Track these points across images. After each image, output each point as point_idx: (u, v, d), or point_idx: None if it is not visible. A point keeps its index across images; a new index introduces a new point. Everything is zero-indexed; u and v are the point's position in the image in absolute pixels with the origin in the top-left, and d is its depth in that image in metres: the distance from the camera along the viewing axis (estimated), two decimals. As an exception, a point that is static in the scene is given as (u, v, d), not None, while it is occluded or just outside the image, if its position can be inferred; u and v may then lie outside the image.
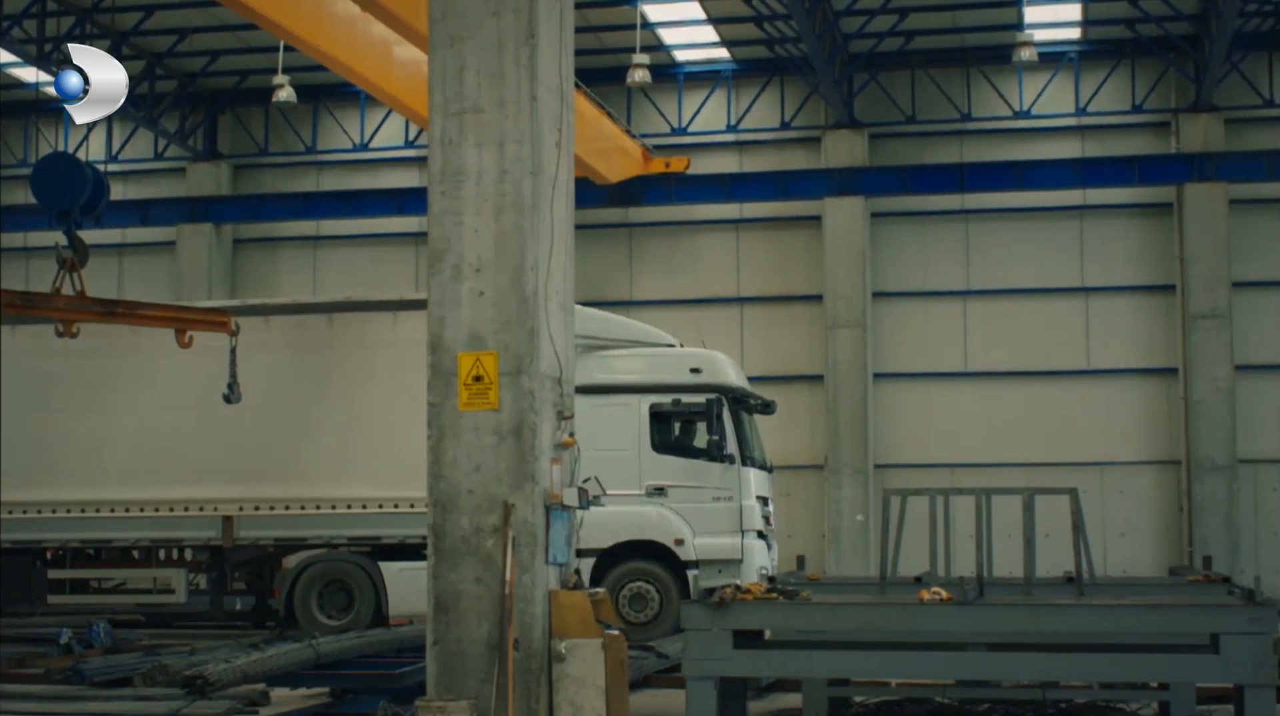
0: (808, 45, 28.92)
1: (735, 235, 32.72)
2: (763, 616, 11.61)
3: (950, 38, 31.48)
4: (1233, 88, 30.80)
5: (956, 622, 11.09)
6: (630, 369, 20.94)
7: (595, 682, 11.56)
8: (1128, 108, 31.63)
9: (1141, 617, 11.01)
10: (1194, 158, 30.42)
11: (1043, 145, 31.86)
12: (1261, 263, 30.81)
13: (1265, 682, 10.41)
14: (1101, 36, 31.54)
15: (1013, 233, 31.79)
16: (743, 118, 32.68)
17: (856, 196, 31.47)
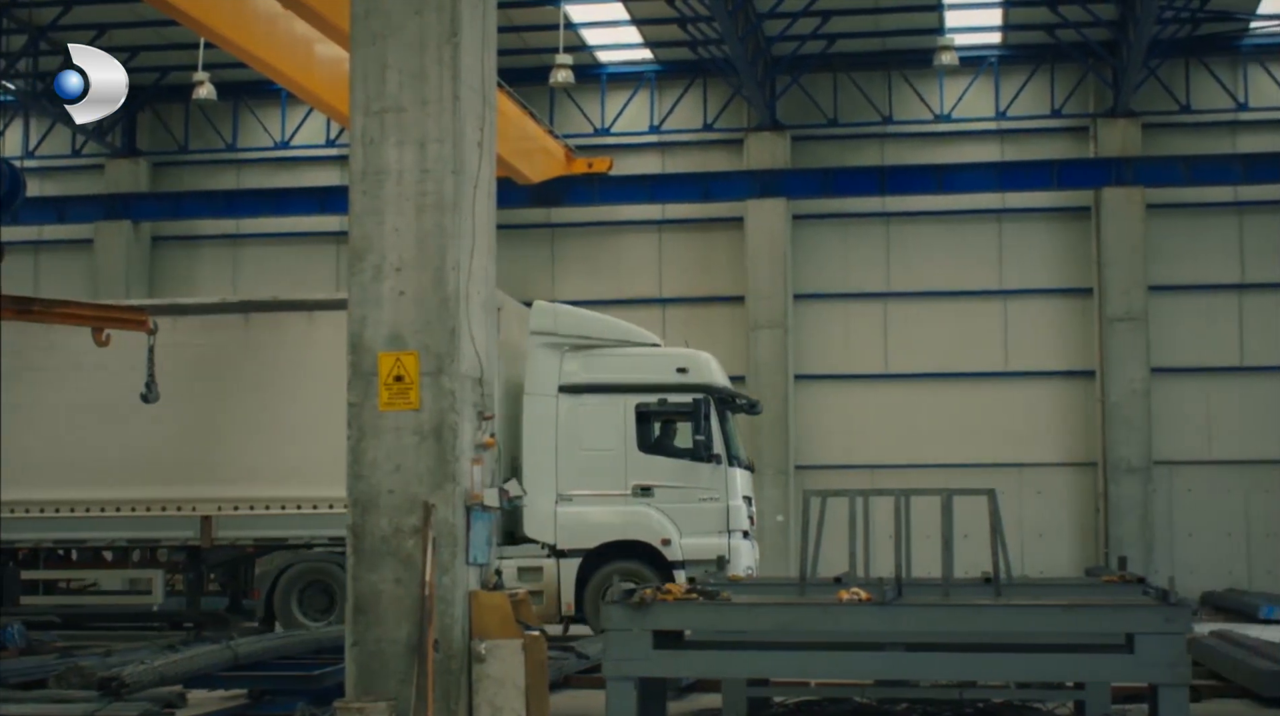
0: (731, 47, 29.00)
1: (657, 236, 32.77)
2: (683, 617, 11.62)
3: (872, 41, 31.64)
4: (1150, 94, 31.15)
5: (875, 623, 11.13)
6: (616, 368, 20.76)
7: (515, 683, 11.54)
8: (1047, 112, 31.93)
9: (1058, 618, 11.10)
10: (1112, 162, 30.73)
11: (963, 149, 32.11)
12: (1177, 267, 31.16)
13: (1179, 682, 10.51)
14: (1021, 41, 31.81)
15: (933, 235, 32.00)
16: (665, 119, 32.74)
17: (778, 198, 31.58)
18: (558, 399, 20.46)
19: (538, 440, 20.46)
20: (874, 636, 11.43)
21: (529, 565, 20.10)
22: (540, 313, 21.02)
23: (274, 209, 33.18)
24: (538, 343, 20.69)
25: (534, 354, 20.68)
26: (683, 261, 32.54)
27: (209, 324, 21.27)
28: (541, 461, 20.39)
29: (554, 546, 20.25)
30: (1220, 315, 31.17)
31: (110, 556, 21.56)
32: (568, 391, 20.51)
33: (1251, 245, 31.22)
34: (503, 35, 14.38)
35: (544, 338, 20.67)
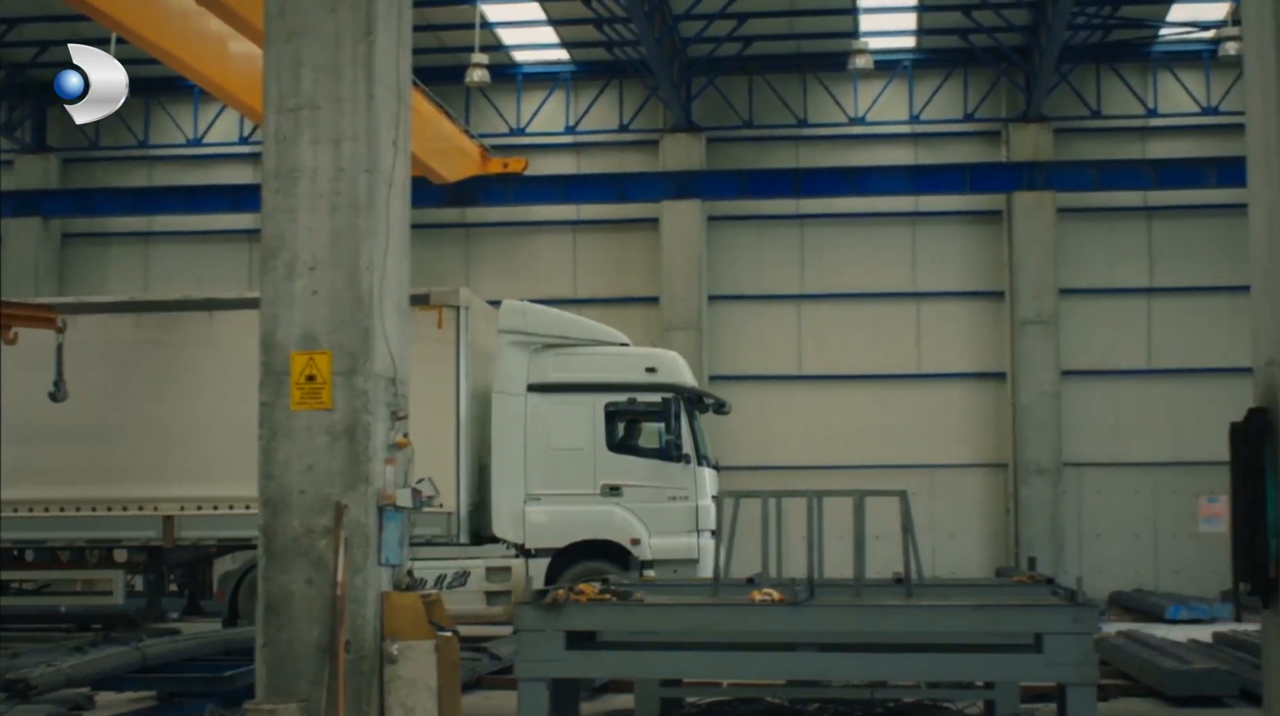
0: (647, 49, 29.03)
1: (572, 237, 32.77)
2: (595, 617, 11.63)
3: (787, 44, 31.77)
4: (1062, 99, 31.47)
5: (787, 623, 11.18)
6: (585, 368, 20.67)
7: (427, 684, 11.51)
8: (960, 116, 32.18)
9: (967, 618, 11.20)
10: (1023, 166, 31.02)
11: (877, 152, 32.30)
12: (1087, 270, 31.50)
13: (1086, 681, 10.63)
14: (935, 46, 32.03)
15: (847, 238, 32.16)
16: (581, 119, 32.74)
17: (693, 199, 31.64)
18: (526, 398, 20.38)
19: (506, 439, 20.38)
20: (786, 636, 11.48)
21: (497, 565, 20.03)
22: (509, 311, 20.94)
23: (186, 206, 32.88)
24: (506, 341, 20.61)
25: (502, 353, 20.62)
26: (598, 262, 32.55)
27: (168, 321, 21.00)
28: (510, 460, 20.32)
29: (522, 546, 20.15)
30: (1129, 319, 31.54)
31: (67, 557, 21.21)
32: (536, 390, 20.43)
33: (1160, 250, 31.61)
34: (418, 34, 14.34)
35: (513, 336, 20.58)
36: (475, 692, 15.46)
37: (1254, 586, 11.83)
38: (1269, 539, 11.55)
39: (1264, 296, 11.98)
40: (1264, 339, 12.03)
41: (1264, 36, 11.92)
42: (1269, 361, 11.88)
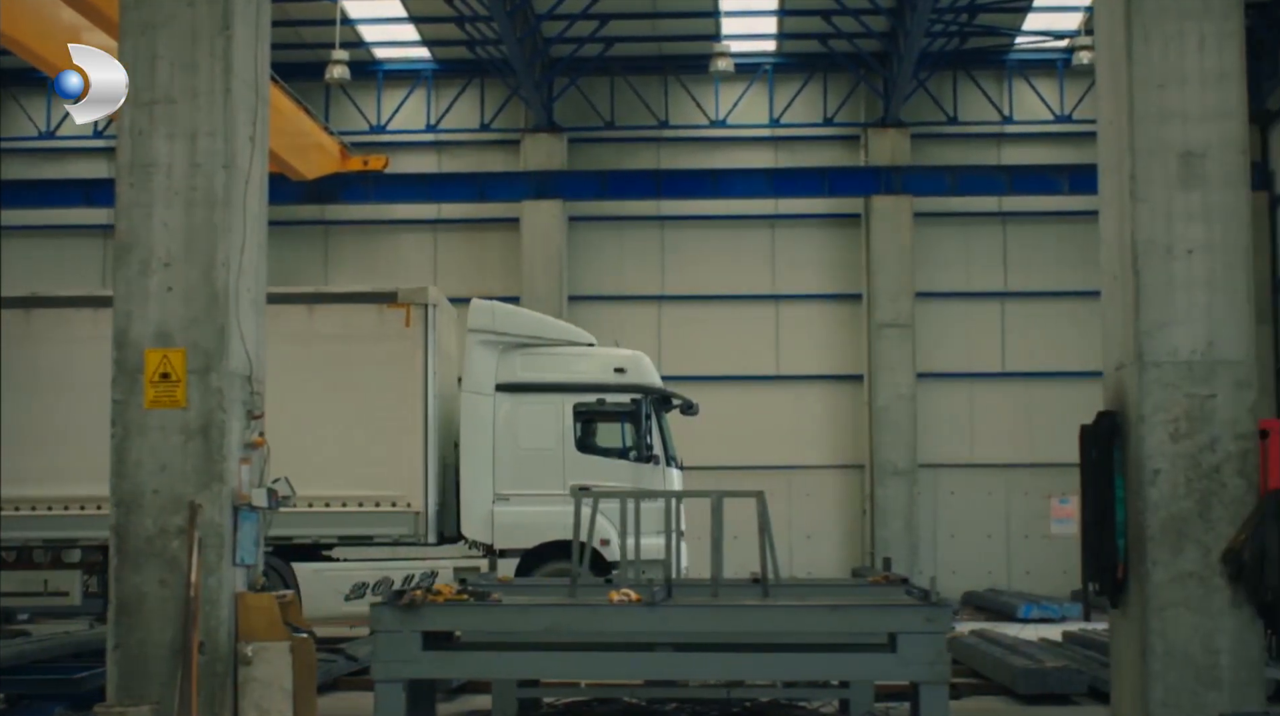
0: (509, 48, 28.96)
1: (433, 236, 32.61)
2: (453, 618, 11.59)
3: (649, 46, 31.84)
4: (919, 105, 31.84)
5: (644, 624, 11.22)
6: (554, 368, 20.55)
7: (282, 686, 11.41)
8: (819, 120, 32.44)
9: (823, 618, 11.30)
10: (881, 171, 31.34)
11: (737, 154, 32.46)
12: (943, 274, 31.90)
13: (939, 680, 10.77)
14: (796, 50, 32.26)
15: (707, 239, 32.29)
16: (442, 118, 32.59)
17: (554, 200, 31.61)
18: (495, 398, 20.27)
19: (475, 439, 20.25)
20: (643, 637, 11.51)
21: (465, 565, 19.75)
22: (478, 310, 20.79)
23: (38, 200, 32.24)
24: (475, 341, 20.47)
25: (471, 352, 20.48)
26: (458, 261, 32.39)
27: None
28: (478, 460, 20.18)
29: (490, 546, 20.03)
30: (984, 322, 31.99)
31: (13, 557, 20.53)
32: (505, 390, 20.31)
33: (1014, 255, 32.09)
34: (277, 29, 14.21)
35: (481, 336, 20.45)
36: (331, 694, 15.34)
37: (1102, 586, 12.06)
38: (1117, 540, 11.77)
39: (1114, 302, 12.21)
40: (1114, 343, 12.26)
41: (1115, 46, 12.15)
42: (1118, 365, 12.11)
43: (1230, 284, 11.74)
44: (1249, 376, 11.72)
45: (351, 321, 20.19)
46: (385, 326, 19.90)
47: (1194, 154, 11.81)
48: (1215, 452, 11.57)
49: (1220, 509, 11.51)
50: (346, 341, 20.06)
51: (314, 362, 19.60)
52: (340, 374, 19.90)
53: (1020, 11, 30.37)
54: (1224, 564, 11.43)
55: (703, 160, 32.26)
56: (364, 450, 19.76)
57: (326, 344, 19.81)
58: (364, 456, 19.72)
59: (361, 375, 19.88)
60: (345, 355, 20.02)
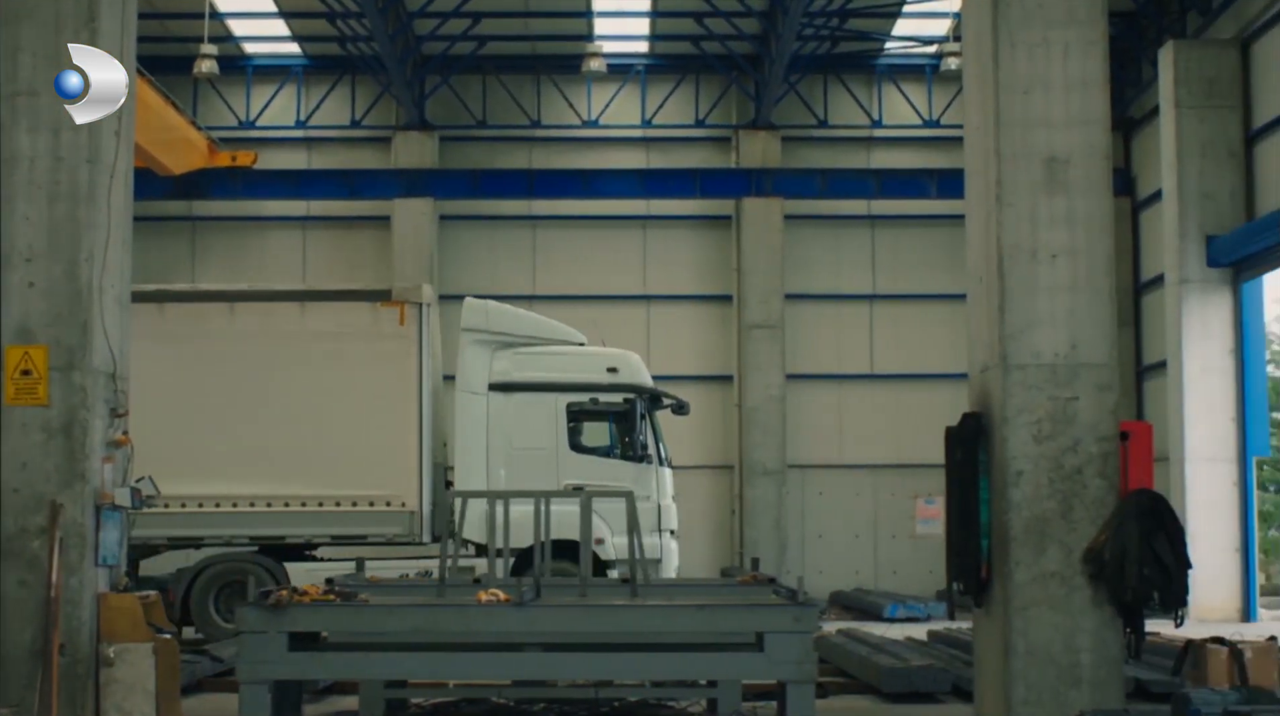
0: (380, 45, 28.80)
1: (302, 233, 32.33)
2: (319, 618, 11.49)
3: (522, 45, 31.80)
4: (790, 107, 32.07)
5: (513, 624, 11.19)
6: (547, 367, 20.61)
7: (145, 687, 11.27)
8: (691, 122, 32.56)
9: (691, 617, 11.34)
10: (752, 173, 31.51)
11: (610, 155, 32.50)
12: (812, 276, 32.14)
13: (805, 679, 10.84)
14: (668, 52, 32.36)
15: (579, 239, 32.29)
16: (313, 114, 32.31)
17: (426, 198, 31.47)
18: (488, 397, 20.32)
19: (469, 438, 20.30)
20: (512, 637, 11.48)
21: (460, 565, 19.50)
22: (471, 310, 20.86)
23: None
24: (469, 340, 20.53)
25: (465, 351, 20.52)
26: (328, 259, 32.14)
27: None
28: (473, 460, 20.20)
29: (485, 546, 19.84)
30: (853, 324, 32.29)
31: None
32: (498, 389, 20.39)
33: (882, 258, 32.41)
34: (144, 21, 14.03)
35: (475, 335, 20.54)
36: (196, 695, 15.16)
37: (966, 586, 12.21)
38: (981, 540, 11.92)
39: (979, 305, 12.37)
40: (979, 346, 12.42)
41: (982, 53, 12.32)
42: (983, 367, 12.27)
43: (1093, 288, 11.93)
44: (1110, 379, 11.91)
45: (344, 320, 20.16)
46: (379, 325, 19.91)
47: (1058, 160, 11.99)
48: (1077, 454, 11.75)
49: (1082, 509, 11.69)
50: (339, 339, 20.04)
51: (306, 361, 19.60)
52: (333, 372, 19.85)
53: (890, 17, 30.70)
54: (1085, 563, 11.61)
55: (575, 160, 32.26)
56: (357, 449, 19.69)
57: (319, 342, 19.75)
58: (357, 456, 19.66)
59: (354, 374, 19.85)
60: (338, 353, 19.98)
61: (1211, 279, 26.12)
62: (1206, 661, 13.25)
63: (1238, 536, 25.69)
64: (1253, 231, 25.34)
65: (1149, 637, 13.53)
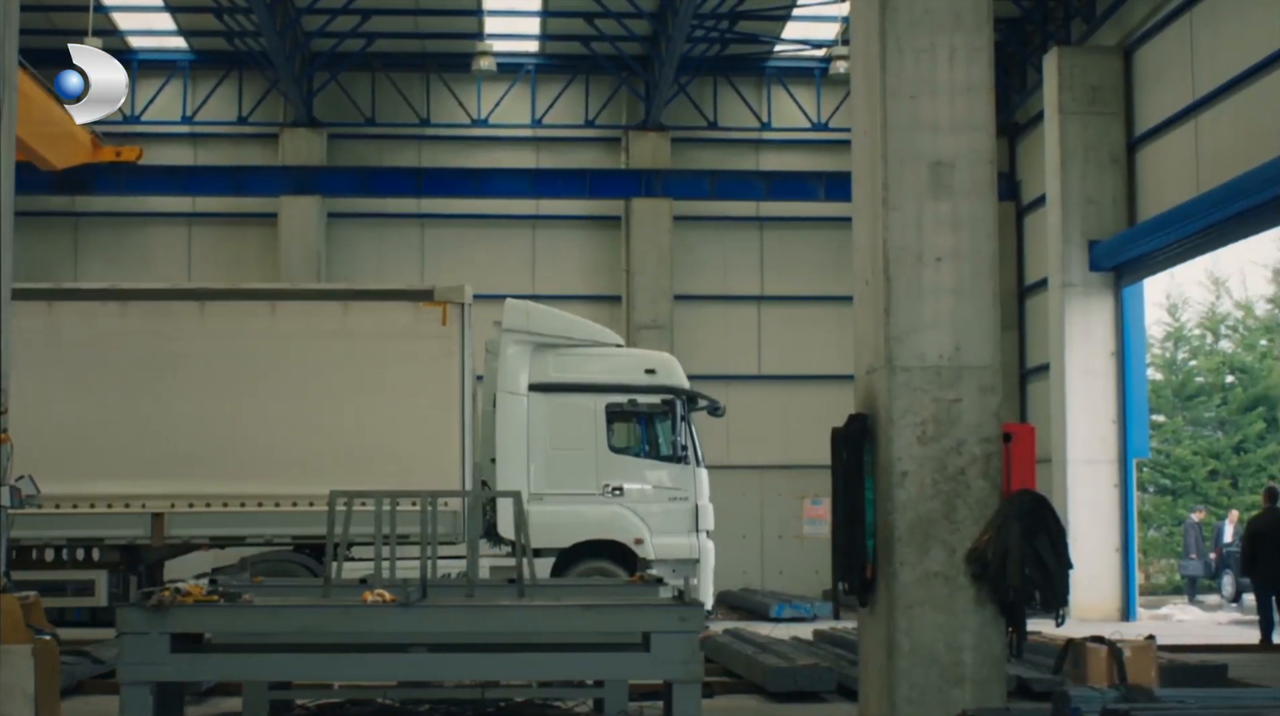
0: (268, 40, 28.56)
1: (188, 229, 32.00)
2: (202, 619, 11.36)
3: (412, 43, 31.68)
4: (680, 109, 32.17)
5: (399, 624, 11.13)
6: (586, 368, 20.79)
7: (24, 690, 11.09)
8: (581, 122, 32.58)
9: (578, 618, 11.32)
10: (642, 174, 31.57)
11: (499, 154, 32.46)
12: (700, 277, 32.25)
13: (692, 678, 10.86)
14: (558, 52, 32.36)
15: (468, 239, 32.20)
16: (199, 110, 31.98)
17: (314, 195, 31.26)
18: (528, 397, 20.48)
19: (510, 438, 20.47)
20: (398, 637, 11.42)
21: (501, 564, 19.77)
22: (513, 310, 20.98)
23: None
24: (510, 340, 20.65)
25: (505, 352, 20.62)
26: (214, 256, 31.83)
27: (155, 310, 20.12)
28: (514, 460, 20.38)
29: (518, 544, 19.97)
30: (741, 325, 32.43)
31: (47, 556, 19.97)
32: (538, 390, 20.54)
33: (771, 259, 32.60)
34: (27, 14, 13.82)
35: (515, 335, 20.68)
36: (75, 697, 14.95)
37: (852, 586, 12.29)
38: (866, 540, 12.00)
39: (865, 307, 12.46)
40: (865, 348, 12.50)
41: (870, 57, 12.40)
42: (869, 369, 12.35)
43: (977, 291, 12.04)
44: (993, 381, 12.02)
45: (386, 319, 20.09)
46: (421, 325, 19.82)
47: (944, 164, 12.09)
48: (961, 455, 11.85)
49: (965, 510, 11.80)
50: (381, 339, 19.97)
51: (348, 360, 19.56)
52: (375, 372, 19.80)
53: (779, 20, 30.88)
54: (968, 563, 11.72)
55: (464, 159, 32.18)
56: (400, 448, 19.58)
57: (361, 341, 19.69)
58: (400, 455, 19.52)
59: (397, 373, 19.80)
60: (380, 353, 19.92)
61: (1093, 283, 26.51)
62: (1086, 660, 13.42)
63: (1118, 537, 26.07)
64: (1134, 236, 25.75)
65: (1031, 637, 13.73)
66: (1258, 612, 21.76)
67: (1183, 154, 24.92)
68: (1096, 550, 25.43)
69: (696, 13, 28.44)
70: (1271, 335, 41.24)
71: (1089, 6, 27.66)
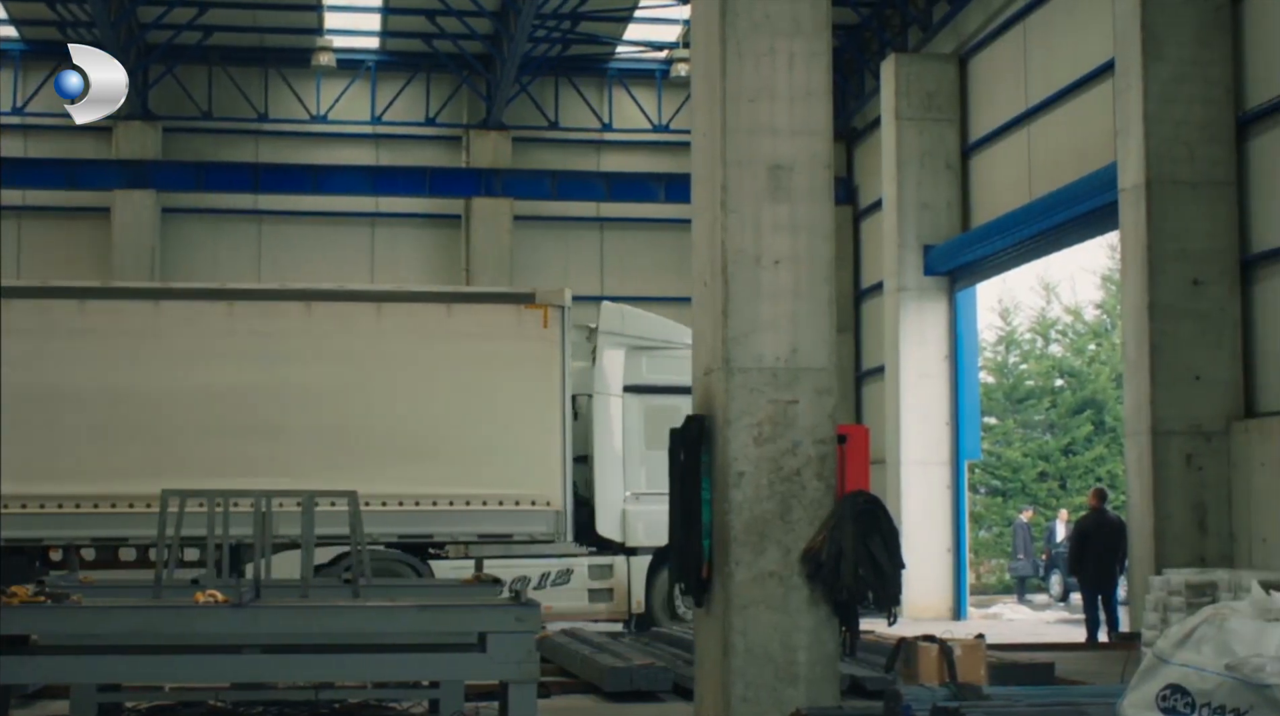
0: (101, 31, 28.04)
1: (17, 223, 31.24)
2: (28, 621, 11.11)
3: (250, 37, 31.33)
4: (521, 108, 32.14)
5: (231, 625, 10.98)
6: (678, 370, 20.47)
7: None
8: (422, 120, 32.43)
9: (413, 618, 11.27)
10: (482, 173, 31.53)
11: (339, 151, 32.22)
12: (540, 277, 32.08)
13: (528, 678, 10.85)
14: (399, 49, 32.19)
15: (306, 236, 31.93)
16: (29, 101, 31.32)
17: (148, 190, 30.79)
18: (623, 399, 20.96)
19: (606, 439, 20.96)
20: (230, 639, 11.27)
21: (600, 563, 20.61)
22: (608, 313, 21.47)
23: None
24: (606, 343, 21.07)
25: (601, 354, 21.00)
26: (45, 250, 31.04)
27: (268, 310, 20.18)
28: (610, 460, 20.92)
29: (623, 544, 20.66)
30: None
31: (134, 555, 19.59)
32: (632, 391, 20.98)
33: (611, 260, 32.68)
34: None
35: (611, 337, 21.12)
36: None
37: (688, 586, 12.35)
38: (703, 541, 12.07)
39: (704, 309, 12.53)
40: (703, 349, 12.58)
41: (710, 60, 12.47)
42: (707, 370, 12.43)
43: (814, 294, 12.15)
44: (829, 383, 12.14)
45: (488, 321, 20.09)
46: (523, 326, 19.79)
47: (783, 167, 12.18)
48: (796, 456, 11.96)
49: (800, 510, 11.90)
50: (484, 340, 19.96)
51: (451, 359, 19.61)
52: (478, 373, 19.83)
53: (621, 22, 30.97)
54: (803, 564, 11.83)
55: (303, 156, 31.90)
56: (503, 449, 19.65)
57: (465, 343, 19.69)
58: (503, 455, 19.62)
59: (499, 374, 19.79)
60: (483, 354, 19.90)
61: (928, 287, 26.91)
62: (918, 658, 13.63)
63: (950, 537, 26.49)
64: (967, 242, 26.18)
65: (864, 636, 13.89)
66: (1084, 611, 22.23)
67: (1016, 161, 25.38)
68: (929, 550, 25.81)
69: (538, 12, 28.41)
70: (1100, 340, 42.15)
71: (926, 15, 28.07)
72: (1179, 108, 18.99)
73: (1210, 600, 15.16)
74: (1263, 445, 18.16)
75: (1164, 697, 6.15)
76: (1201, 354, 18.78)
